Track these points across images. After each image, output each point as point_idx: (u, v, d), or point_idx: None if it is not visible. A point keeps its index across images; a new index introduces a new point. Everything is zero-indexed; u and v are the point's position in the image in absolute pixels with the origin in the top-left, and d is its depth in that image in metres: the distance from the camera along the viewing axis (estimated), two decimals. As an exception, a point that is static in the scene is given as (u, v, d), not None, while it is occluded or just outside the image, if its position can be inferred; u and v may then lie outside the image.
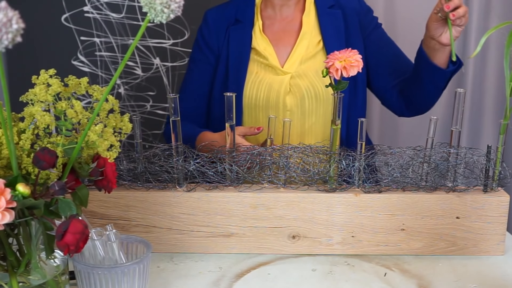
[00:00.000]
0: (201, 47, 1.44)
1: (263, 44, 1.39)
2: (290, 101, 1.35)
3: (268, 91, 1.35)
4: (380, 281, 0.99)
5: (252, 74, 1.38)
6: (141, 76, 2.02)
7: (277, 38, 1.40)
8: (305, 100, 1.34)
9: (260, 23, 1.40)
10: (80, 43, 1.98)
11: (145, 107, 2.05)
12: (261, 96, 1.35)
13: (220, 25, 1.42)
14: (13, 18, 0.57)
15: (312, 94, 1.34)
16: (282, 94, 1.34)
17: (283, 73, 1.36)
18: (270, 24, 1.41)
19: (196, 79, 1.44)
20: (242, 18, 1.41)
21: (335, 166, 1.06)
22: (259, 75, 1.37)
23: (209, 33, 1.43)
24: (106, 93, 0.74)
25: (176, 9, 0.65)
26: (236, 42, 1.40)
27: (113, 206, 1.05)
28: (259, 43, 1.39)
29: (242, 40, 1.40)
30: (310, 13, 1.41)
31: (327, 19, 1.39)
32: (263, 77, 1.37)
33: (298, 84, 1.34)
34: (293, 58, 1.37)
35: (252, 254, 1.08)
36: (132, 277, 0.83)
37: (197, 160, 1.05)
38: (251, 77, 1.37)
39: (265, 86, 1.36)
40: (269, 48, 1.38)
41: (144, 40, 1.98)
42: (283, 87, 1.35)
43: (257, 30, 1.40)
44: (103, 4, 1.95)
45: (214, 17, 1.44)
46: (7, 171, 0.75)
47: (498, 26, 0.96)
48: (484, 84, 2.00)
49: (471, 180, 1.08)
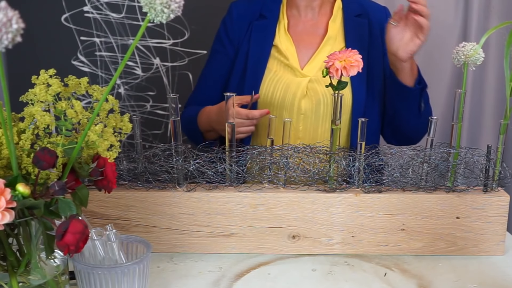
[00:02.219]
0: (221, 38, 1.43)
1: (286, 43, 1.38)
2: (305, 104, 1.33)
3: (284, 92, 1.34)
4: (380, 281, 0.99)
5: (271, 72, 1.36)
6: (141, 76, 2.02)
7: (299, 40, 1.38)
8: (321, 105, 1.32)
9: (286, 21, 1.39)
10: (80, 43, 1.98)
11: (145, 107, 2.05)
12: (277, 95, 1.34)
13: (244, 19, 1.41)
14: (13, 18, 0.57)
15: (328, 100, 1.32)
16: (299, 96, 1.33)
17: (302, 76, 1.35)
18: (294, 24, 1.40)
19: (214, 70, 1.44)
20: (267, 14, 1.40)
21: (335, 166, 1.06)
22: (278, 73, 1.36)
23: (231, 26, 1.42)
24: (106, 93, 0.74)
25: (176, 9, 0.65)
26: (258, 38, 1.38)
27: (113, 206, 1.05)
28: (282, 42, 1.38)
29: (265, 36, 1.38)
30: (337, 19, 1.39)
31: (353, 28, 1.38)
32: (281, 77, 1.35)
33: (315, 88, 1.33)
34: (314, 62, 1.36)
35: (252, 254, 1.08)
36: (132, 277, 0.83)
37: (197, 160, 1.05)
38: (269, 74, 1.36)
39: (282, 86, 1.34)
40: (291, 48, 1.37)
41: (144, 40, 1.98)
42: (300, 89, 1.33)
43: (282, 29, 1.39)
44: (103, 4, 1.95)
45: (239, 10, 1.43)
46: (7, 171, 0.75)
47: (498, 26, 0.96)
48: (484, 84, 2.00)
49: (471, 180, 1.08)
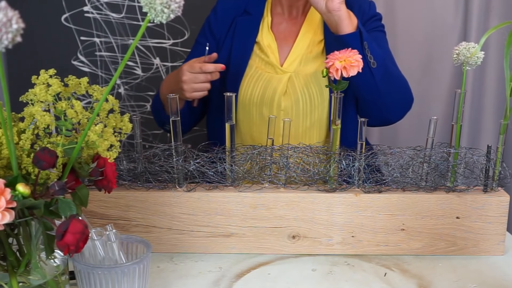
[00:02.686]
0: (205, 32, 1.44)
1: (268, 40, 1.38)
2: (285, 101, 1.34)
3: (264, 88, 1.34)
4: (380, 281, 0.99)
5: (252, 68, 1.37)
6: (141, 76, 2.02)
7: (282, 37, 1.39)
8: (300, 102, 1.33)
9: (269, 19, 1.40)
10: (80, 43, 1.98)
11: (145, 107, 2.05)
12: (257, 91, 1.34)
13: (228, 14, 1.42)
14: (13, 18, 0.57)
15: (307, 97, 1.33)
16: (279, 93, 1.33)
17: (282, 72, 1.35)
18: (278, 22, 1.41)
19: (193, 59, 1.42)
20: (251, 11, 1.41)
21: (335, 166, 1.06)
22: (258, 70, 1.37)
23: (215, 20, 1.43)
24: (106, 93, 0.74)
25: (176, 9, 0.65)
26: (242, 34, 1.39)
27: (113, 206, 1.05)
28: (264, 39, 1.38)
29: (248, 32, 1.39)
30: (315, 12, 1.37)
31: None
32: (262, 73, 1.36)
33: (294, 85, 1.34)
34: (292, 56, 1.37)
35: (252, 254, 1.08)
36: (132, 277, 0.83)
37: (197, 160, 1.05)
38: (250, 71, 1.37)
39: (263, 82, 1.35)
40: (273, 45, 1.38)
41: (144, 40, 1.98)
42: (281, 86, 1.34)
43: (265, 26, 1.39)
44: (103, 4, 1.95)
45: (224, 6, 1.44)
46: (7, 171, 0.75)
47: (498, 26, 0.96)
48: (484, 84, 2.00)
49: (471, 180, 1.08)
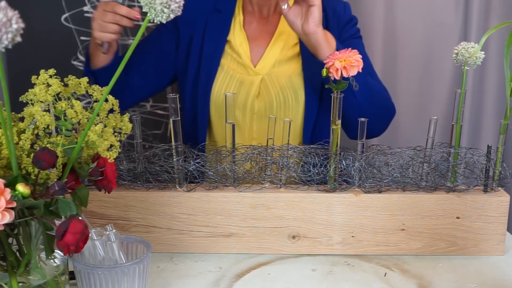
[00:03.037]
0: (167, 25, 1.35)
1: (240, 39, 1.33)
2: (259, 104, 1.30)
3: (237, 91, 1.30)
4: (380, 281, 0.99)
5: (223, 69, 1.32)
6: (141, 76, 2.02)
7: (253, 37, 1.35)
8: (274, 105, 1.30)
9: (241, 18, 1.35)
10: (80, 43, 1.98)
11: (145, 107, 2.05)
12: (230, 91, 1.30)
13: (197, 12, 1.34)
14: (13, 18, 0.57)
15: (281, 99, 1.29)
16: (252, 95, 1.30)
17: (255, 74, 1.31)
18: (249, 21, 1.36)
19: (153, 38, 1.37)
20: (222, 8, 1.35)
21: (335, 166, 1.06)
22: (230, 71, 1.32)
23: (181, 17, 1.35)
24: (106, 93, 0.74)
25: (176, 9, 0.65)
26: (212, 32, 1.34)
27: (113, 206, 1.05)
28: (236, 38, 1.33)
29: (219, 31, 1.33)
30: None
31: None
32: (234, 74, 1.31)
33: (268, 87, 1.30)
34: (266, 59, 1.32)
35: (252, 254, 1.08)
36: (132, 277, 0.83)
37: (197, 160, 1.05)
38: (222, 72, 1.32)
39: (235, 84, 1.31)
40: (244, 44, 1.33)
41: (144, 40, 1.98)
42: (253, 88, 1.30)
43: (237, 25, 1.34)
44: (103, 4, 1.95)
45: (192, 3, 1.31)
46: (7, 171, 0.75)
47: (498, 26, 0.96)
48: (484, 84, 2.00)
49: (471, 180, 1.08)
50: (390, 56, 1.96)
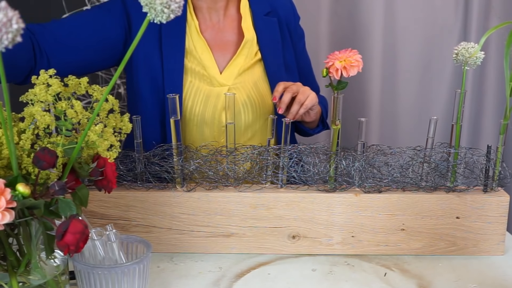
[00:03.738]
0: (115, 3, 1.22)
1: (201, 47, 1.24)
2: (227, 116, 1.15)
3: (204, 105, 1.22)
4: (380, 281, 0.99)
5: (186, 82, 1.22)
6: (141, 76, 2.02)
7: (213, 44, 1.26)
8: (242, 115, 1.24)
9: (196, 22, 1.25)
10: (80, 43, 1.98)
11: (145, 107, 2.05)
12: (196, 110, 1.22)
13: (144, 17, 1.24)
14: (13, 18, 0.57)
15: (249, 107, 1.24)
16: (219, 109, 1.23)
17: (220, 85, 1.23)
18: (204, 29, 1.26)
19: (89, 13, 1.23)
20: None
21: (335, 166, 1.06)
22: (194, 84, 1.23)
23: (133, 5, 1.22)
24: (106, 93, 0.74)
25: (176, 9, 0.65)
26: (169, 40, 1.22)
27: (113, 206, 1.05)
28: (196, 45, 1.24)
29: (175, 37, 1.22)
30: (247, 20, 1.28)
31: (264, 28, 1.28)
32: (198, 88, 1.22)
33: (235, 98, 1.21)
34: (230, 68, 1.25)
35: (252, 254, 1.08)
36: (132, 277, 0.83)
37: (197, 160, 1.05)
38: (186, 85, 1.22)
39: (201, 98, 1.22)
40: (206, 53, 1.24)
41: (144, 40, 1.98)
42: (220, 101, 1.22)
43: (194, 30, 1.24)
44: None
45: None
46: (7, 171, 0.75)
47: (498, 26, 0.96)
48: (484, 84, 2.00)
49: (471, 180, 1.08)
50: (390, 56, 1.96)
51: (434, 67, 1.99)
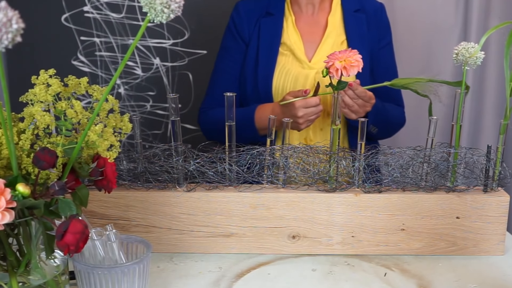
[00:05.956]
0: (234, 35, 1.49)
1: (294, 37, 1.44)
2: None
3: (294, 84, 1.40)
4: (380, 281, 0.99)
5: (280, 65, 1.43)
6: (141, 76, 2.02)
7: (304, 34, 1.45)
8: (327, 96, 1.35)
9: (293, 17, 1.46)
10: (80, 43, 1.98)
11: (145, 107, 2.05)
12: (286, 88, 1.40)
13: (252, 16, 1.48)
14: (13, 18, 0.57)
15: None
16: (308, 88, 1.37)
17: (309, 68, 1.41)
18: (299, 21, 1.47)
19: (230, 66, 1.50)
20: (273, 11, 1.46)
21: (335, 166, 1.06)
22: (286, 66, 1.43)
23: (241, 23, 1.48)
24: (106, 93, 0.74)
25: (176, 9, 0.65)
26: (267, 34, 1.45)
27: (113, 206, 1.05)
28: (290, 36, 1.44)
29: (273, 32, 1.45)
30: (336, 14, 1.46)
31: (352, 22, 1.45)
32: (290, 69, 1.42)
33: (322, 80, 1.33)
34: (319, 54, 1.42)
35: (252, 254, 1.08)
36: (132, 277, 0.83)
37: (197, 160, 1.05)
38: (279, 67, 1.43)
39: (291, 78, 1.41)
40: (298, 42, 1.44)
41: (144, 40, 1.98)
42: (309, 81, 1.39)
43: (290, 24, 1.46)
44: (103, 4, 1.95)
45: (246, 8, 1.49)
46: (7, 171, 0.75)
47: (498, 26, 0.96)
48: (484, 84, 2.00)
49: (471, 180, 1.08)
50: (390, 56, 1.96)
51: (434, 67, 1.99)
